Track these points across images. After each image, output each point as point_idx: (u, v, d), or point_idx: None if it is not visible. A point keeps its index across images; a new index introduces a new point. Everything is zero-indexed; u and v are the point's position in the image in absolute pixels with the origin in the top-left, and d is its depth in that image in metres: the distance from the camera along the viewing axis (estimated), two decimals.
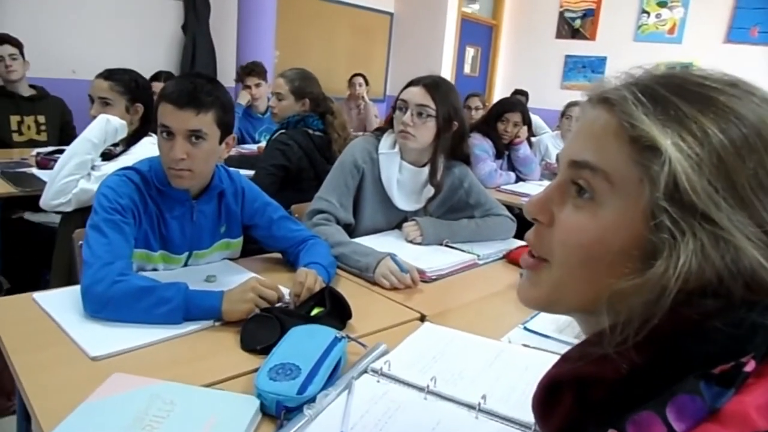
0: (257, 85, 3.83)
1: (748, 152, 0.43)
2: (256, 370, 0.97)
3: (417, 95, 1.77)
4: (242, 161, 2.91)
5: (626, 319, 0.44)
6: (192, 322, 1.17)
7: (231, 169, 1.57)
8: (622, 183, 0.46)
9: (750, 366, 0.41)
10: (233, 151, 3.26)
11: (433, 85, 1.78)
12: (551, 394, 0.50)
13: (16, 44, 3.14)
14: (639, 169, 0.45)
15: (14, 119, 3.16)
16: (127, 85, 2.05)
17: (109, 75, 2.05)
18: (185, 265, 1.49)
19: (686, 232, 0.42)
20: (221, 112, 1.35)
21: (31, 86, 3.25)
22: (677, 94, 0.46)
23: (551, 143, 4.00)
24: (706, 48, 6.05)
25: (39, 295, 1.25)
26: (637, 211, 0.45)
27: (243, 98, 3.83)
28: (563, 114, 3.94)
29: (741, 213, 0.42)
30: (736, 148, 0.43)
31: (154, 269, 1.43)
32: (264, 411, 0.90)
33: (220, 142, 1.40)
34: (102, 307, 1.15)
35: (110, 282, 1.15)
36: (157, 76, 3.51)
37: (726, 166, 0.42)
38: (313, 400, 0.90)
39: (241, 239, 1.59)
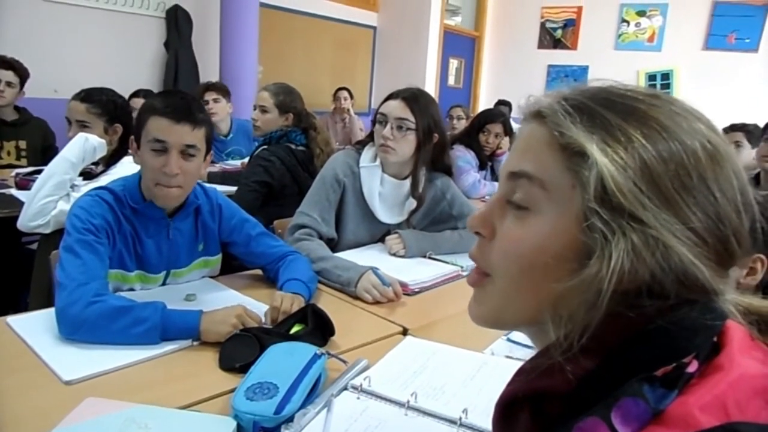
0: (215, 100, 3.71)
1: (669, 155, 0.45)
2: (234, 390, 0.95)
3: (396, 109, 1.77)
4: (225, 177, 2.89)
5: (568, 324, 0.45)
6: (169, 342, 1.15)
7: (207, 185, 1.55)
8: (557, 190, 0.48)
9: (692, 366, 0.42)
10: (216, 168, 3.24)
11: (412, 98, 1.78)
12: (509, 413, 0.49)
13: (22, 75, 3.09)
14: (571, 174, 0.47)
15: None
16: (105, 106, 2.02)
17: (85, 97, 2.01)
18: (164, 284, 1.47)
19: (616, 231, 0.43)
20: (209, 129, 1.39)
21: (15, 108, 3.17)
22: (602, 105, 0.48)
23: None
24: (685, 55, 6.14)
25: (13, 319, 1.22)
26: (572, 215, 0.46)
27: None
28: None
29: (666, 212, 0.43)
30: (658, 151, 0.45)
31: (131, 289, 1.41)
32: None
33: (203, 159, 1.40)
34: (77, 329, 1.12)
35: (85, 303, 1.13)
36: (136, 94, 3.47)
37: (649, 168, 0.44)
38: (291, 419, 0.88)
39: (219, 257, 1.57)
